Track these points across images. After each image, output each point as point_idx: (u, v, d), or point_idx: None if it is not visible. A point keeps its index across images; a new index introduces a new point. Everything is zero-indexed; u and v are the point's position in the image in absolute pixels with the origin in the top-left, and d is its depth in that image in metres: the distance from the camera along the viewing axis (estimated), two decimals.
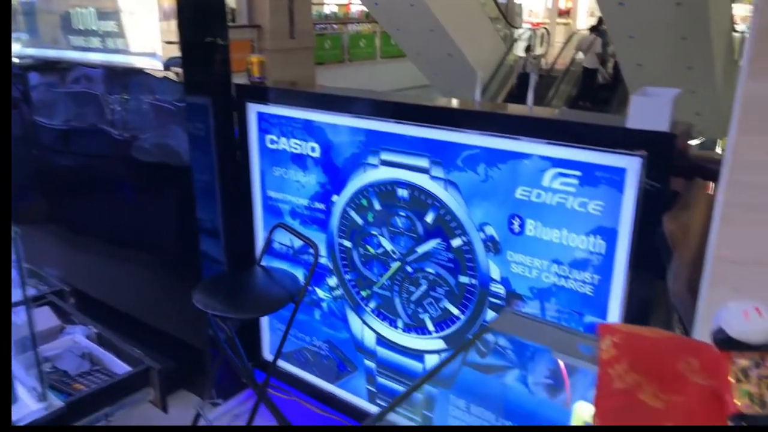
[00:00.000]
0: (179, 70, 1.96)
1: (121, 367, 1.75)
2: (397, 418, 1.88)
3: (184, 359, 2.24)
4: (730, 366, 0.58)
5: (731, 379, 0.58)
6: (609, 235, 1.49)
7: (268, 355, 2.25)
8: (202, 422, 1.78)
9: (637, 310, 1.47)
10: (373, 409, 1.91)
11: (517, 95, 5.17)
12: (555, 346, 0.82)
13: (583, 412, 0.78)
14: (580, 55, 6.38)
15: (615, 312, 1.51)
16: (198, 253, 2.11)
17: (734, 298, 0.58)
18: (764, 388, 0.58)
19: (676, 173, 1.41)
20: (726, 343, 0.58)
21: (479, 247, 1.71)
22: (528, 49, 5.64)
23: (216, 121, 2.01)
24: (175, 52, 1.96)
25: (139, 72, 2.13)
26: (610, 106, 5.45)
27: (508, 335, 0.96)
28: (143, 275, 2.40)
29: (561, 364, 0.85)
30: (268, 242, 1.96)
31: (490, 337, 1.68)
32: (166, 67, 2.01)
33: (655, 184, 1.39)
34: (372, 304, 1.93)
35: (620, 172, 1.46)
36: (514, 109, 1.86)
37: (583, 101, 5.37)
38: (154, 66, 2.05)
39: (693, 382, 0.70)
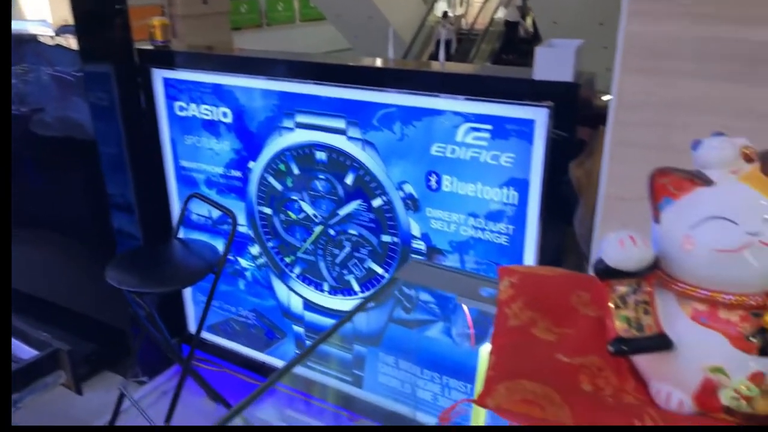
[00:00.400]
0: (74, 37, 1.83)
1: (27, 352, 1.67)
2: (324, 378, 1.91)
3: (106, 340, 2.16)
4: (609, 294, 0.61)
5: (611, 306, 0.61)
6: (521, 185, 1.53)
7: (193, 328, 2.21)
8: (126, 402, 1.73)
9: (550, 256, 1.53)
10: (303, 372, 1.92)
11: (437, 58, 5.14)
12: (459, 292, 0.84)
13: (486, 353, 0.80)
14: (500, 14, 6.45)
15: (530, 259, 1.57)
16: (111, 230, 2.02)
17: None
18: (641, 312, 0.61)
19: (581, 122, 1.46)
20: (605, 272, 0.60)
21: (399, 206, 1.72)
22: (444, 15, 5.65)
23: (119, 90, 1.90)
24: (69, 17, 1.82)
25: (32, 40, 1.97)
26: (531, 58, 5.52)
27: (416, 285, 0.98)
28: (54, 257, 2.27)
29: (465, 309, 0.87)
30: (183, 213, 1.90)
31: (412, 293, 1.71)
32: (58, 34, 1.87)
33: (562, 134, 1.44)
34: (297, 270, 1.92)
35: (529, 123, 1.49)
36: (426, 65, 1.87)
37: (507, 54, 5.44)
38: (44, 33, 1.90)
39: (584, 314, 0.73)
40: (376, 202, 1.74)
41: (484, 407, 0.59)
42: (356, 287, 1.83)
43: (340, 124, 1.72)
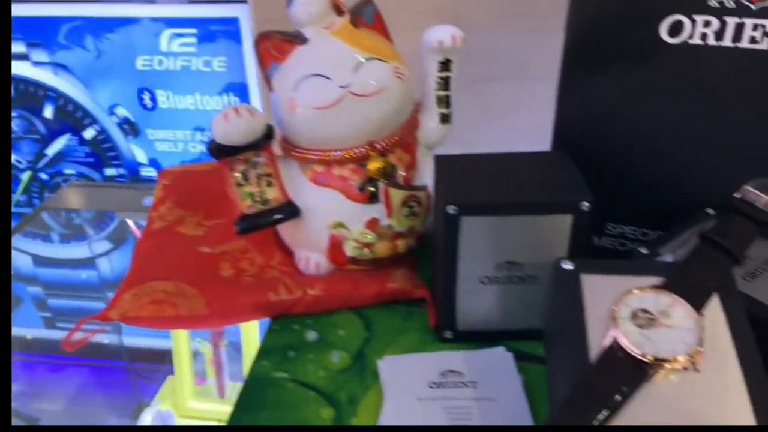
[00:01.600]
0: None
1: None
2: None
3: None
4: (229, 173, 0.58)
5: (233, 185, 0.58)
6: (240, 89, 1.46)
7: None
8: None
9: None
10: (52, 334, 1.73)
11: None
12: (119, 207, 0.77)
13: None
14: None
15: None
16: None
17: None
18: (264, 185, 0.59)
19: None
20: (218, 150, 0.57)
21: (116, 133, 1.55)
22: None
23: None
24: None
25: None
26: None
27: (67, 209, 0.88)
28: None
29: (131, 223, 0.81)
30: None
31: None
32: None
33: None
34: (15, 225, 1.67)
35: (233, 22, 1.41)
36: None
37: None
38: None
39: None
40: (89, 134, 1.55)
41: (107, 321, 0.54)
42: (89, 230, 1.65)
43: (19, 48, 1.46)
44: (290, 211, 0.59)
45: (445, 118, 0.65)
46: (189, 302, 0.56)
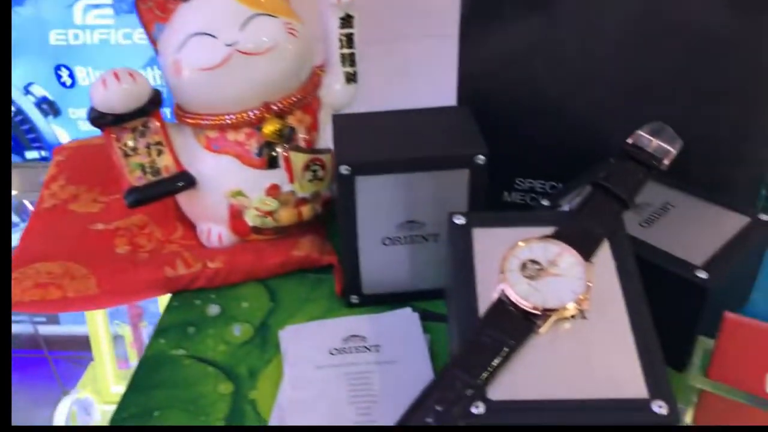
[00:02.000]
0: None
1: None
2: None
3: None
4: (114, 143, 0.55)
5: (120, 157, 0.55)
6: None
7: None
8: None
9: None
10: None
11: None
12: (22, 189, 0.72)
13: None
14: None
15: None
16: None
17: None
18: (155, 155, 0.56)
19: None
20: (100, 119, 0.53)
21: (35, 114, 1.47)
22: None
23: None
24: None
25: None
26: None
27: None
28: None
29: (28, 204, 0.76)
30: None
31: None
32: None
33: None
34: None
35: None
36: None
37: None
38: None
39: None
40: None
41: None
42: (16, 218, 1.58)
43: None
44: (184, 180, 0.56)
45: (350, 78, 0.63)
46: (77, 283, 0.52)
